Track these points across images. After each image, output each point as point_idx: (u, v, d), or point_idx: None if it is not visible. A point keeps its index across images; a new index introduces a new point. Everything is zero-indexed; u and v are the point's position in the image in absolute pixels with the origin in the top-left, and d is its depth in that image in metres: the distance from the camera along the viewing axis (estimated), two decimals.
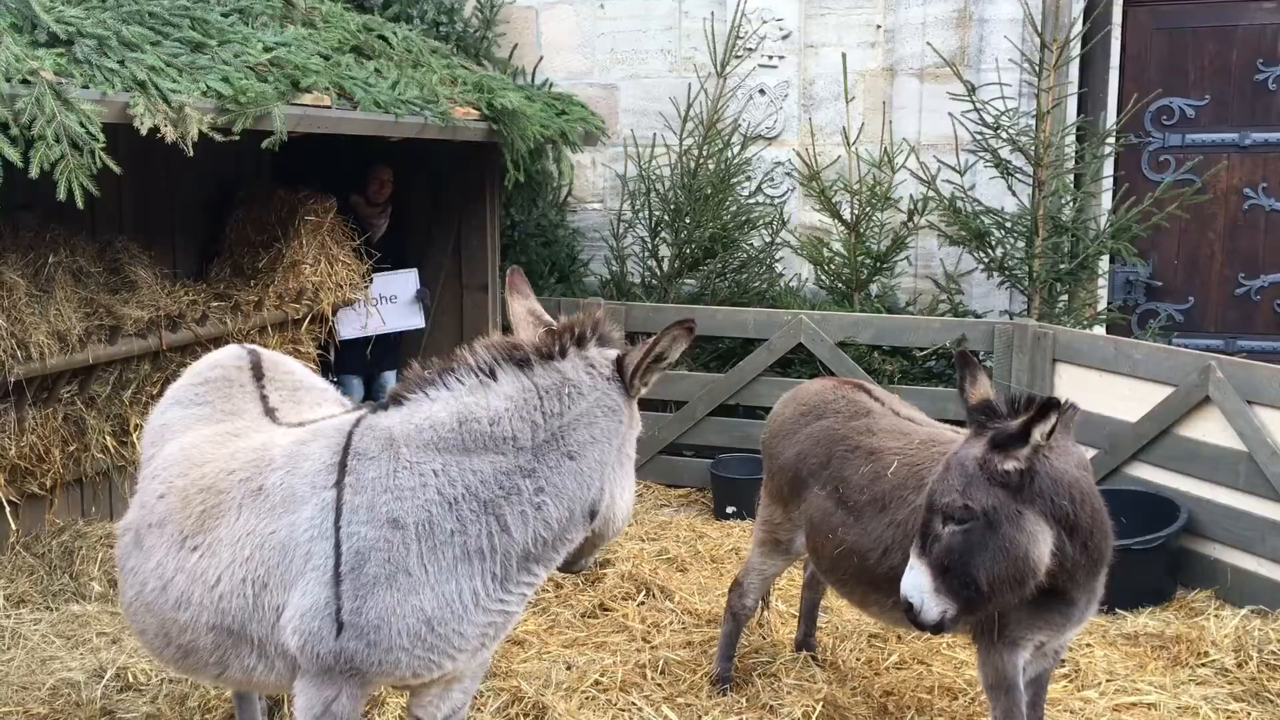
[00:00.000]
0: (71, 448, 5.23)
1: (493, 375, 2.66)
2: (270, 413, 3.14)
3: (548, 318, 2.90)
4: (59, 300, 5.05)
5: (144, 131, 4.14)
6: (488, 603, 2.66)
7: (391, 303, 6.72)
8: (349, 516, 2.61)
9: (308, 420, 3.03)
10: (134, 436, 5.40)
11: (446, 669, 2.72)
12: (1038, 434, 2.91)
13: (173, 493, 2.93)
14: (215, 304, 5.79)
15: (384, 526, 2.59)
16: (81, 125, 3.88)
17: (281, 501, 2.71)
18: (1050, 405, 2.89)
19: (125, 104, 4.12)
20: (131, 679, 4.23)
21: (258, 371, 3.30)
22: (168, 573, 2.86)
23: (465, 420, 2.62)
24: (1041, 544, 2.96)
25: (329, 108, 5.08)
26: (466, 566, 2.61)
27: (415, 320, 6.86)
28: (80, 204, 3.90)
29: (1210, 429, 5.08)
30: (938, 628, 3.04)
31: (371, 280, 6.53)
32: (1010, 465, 2.94)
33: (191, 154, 4.32)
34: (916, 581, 3.02)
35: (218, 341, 5.73)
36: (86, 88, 4.03)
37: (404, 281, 6.81)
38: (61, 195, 3.86)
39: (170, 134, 4.22)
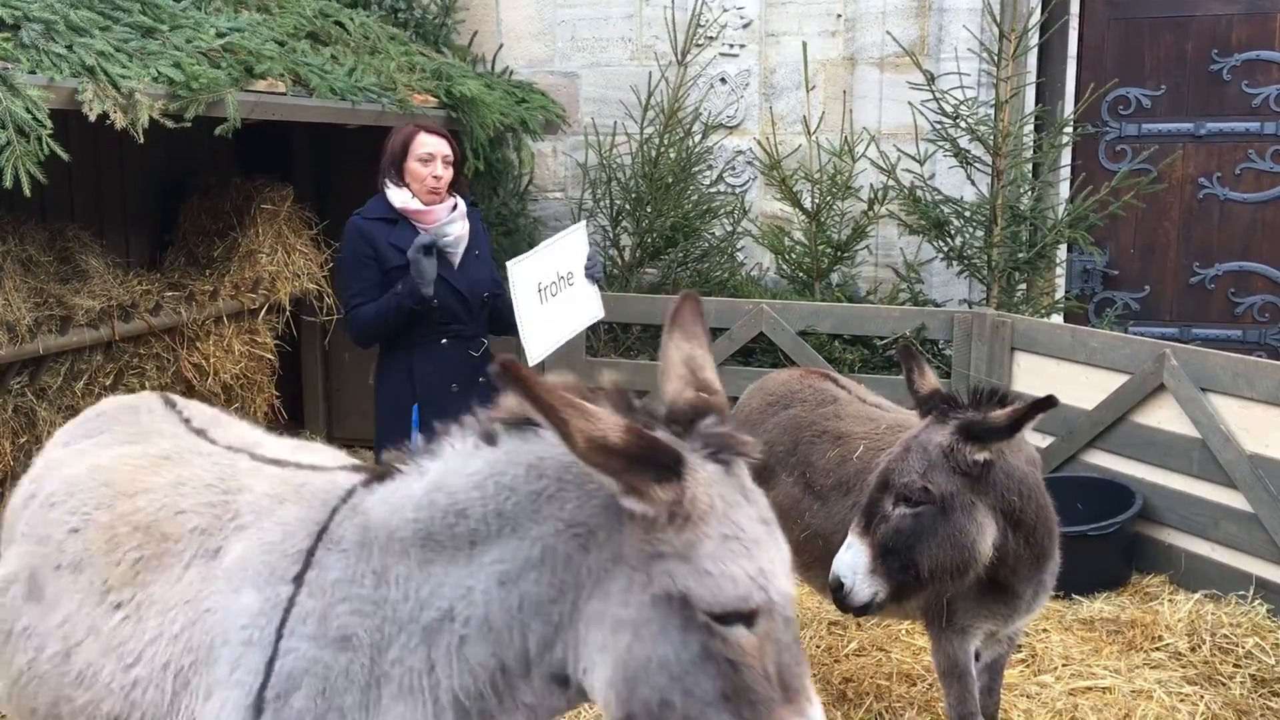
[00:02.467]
0: (22, 440, 5.13)
1: (491, 438, 1.91)
2: (200, 432, 2.49)
3: (709, 376, 1.95)
4: (8, 290, 4.95)
5: (93, 118, 4.06)
6: None
7: (569, 284, 4.47)
8: (294, 624, 1.97)
9: (287, 459, 2.30)
10: None
11: None
12: (1027, 429, 2.94)
13: (92, 527, 2.26)
14: (169, 294, 5.71)
15: (330, 646, 1.95)
16: (28, 111, 3.80)
17: (231, 576, 2.05)
18: (1047, 403, 2.91)
19: (73, 90, 4.04)
20: None
21: (167, 400, 2.69)
22: (77, 633, 2.19)
23: (431, 492, 1.91)
24: (988, 536, 2.98)
25: (284, 94, 5.01)
26: (404, 708, 1.95)
27: (595, 307, 4.66)
28: (27, 191, 3.81)
29: (1165, 416, 5.14)
30: (863, 610, 3.02)
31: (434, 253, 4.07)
32: (981, 456, 2.95)
33: (142, 141, 4.25)
34: (853, 561, 3.00)
35: (172, 332, 5.66)
36: (33, 73, 3.94)
37: (577, 245, 4.56)
38: (8, 183, 3.77)
39: (120, 120, 4.14)
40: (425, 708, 1.92)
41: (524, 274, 4.21)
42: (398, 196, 4.16)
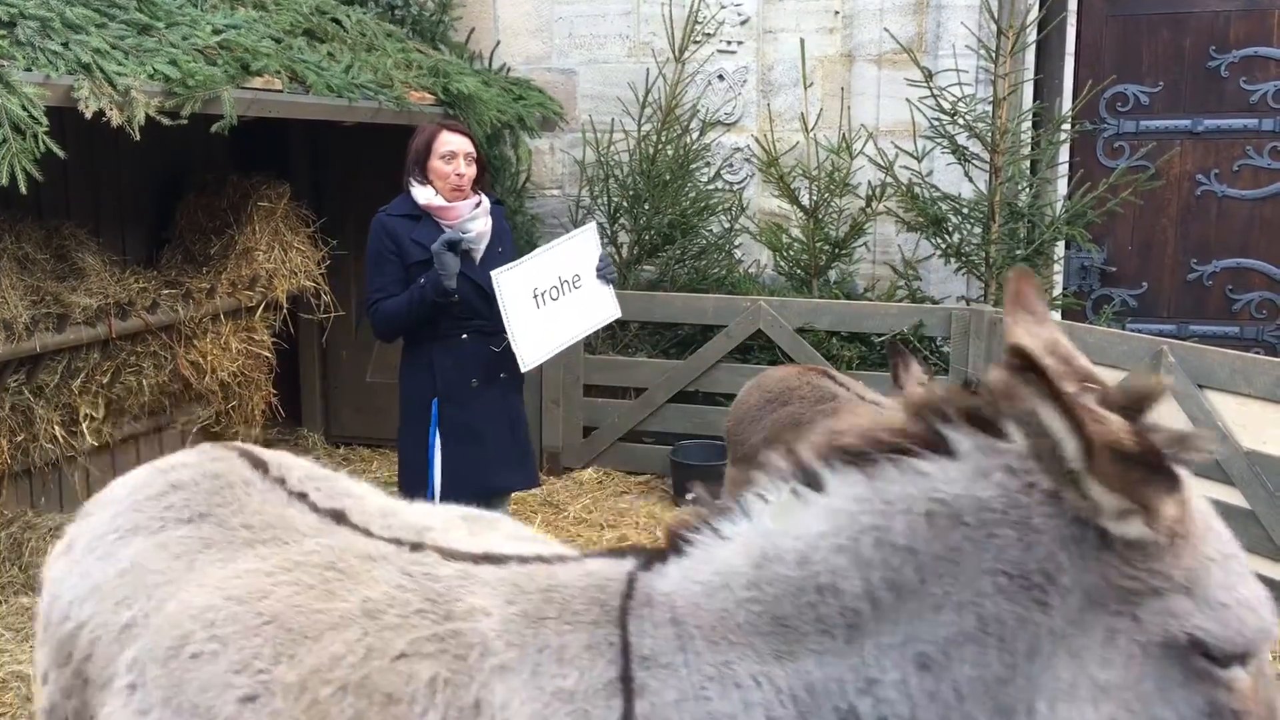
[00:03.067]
0: (19, 438, 5.13)
1: (815, 481, 1.47)
2: (338, 516, 1.90)
3: (1086, 364, 1.61)
4: (4, 288, 4.95)
5: (89, 115, 4.05)
6: None
7: (575, 287, 4.40)
8: None
9: (502, 553, 1.72)
10: (83, 426, 5.32)
11: None
12: None
13: (278, 693, 1.61)
14: (166, 291, 5.71)
15: None
16: (24, 108, 3.79)
17: None
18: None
19: (69, 87, 4.03)
20: None
21: (253, 460, 2.08)
22: None
23: (764, 562, 1.46)
24: None
25: (280, 91, 5.01)
26: None
27: (609, 308, 4.55)
28: (23, 189, 3.81)
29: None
30: None
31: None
32: None
33: (138, 138, 4.25)
34: None
35: (169, 330, 5.65)
36: (29, 70, 3.94)
37: (585, 248, 4.47)
38: (4, 180, 3.77)
39: (116, 118, 4.13)
40: None
41: (513, 281, 4.17)
42: (422, 194, 4.18)
